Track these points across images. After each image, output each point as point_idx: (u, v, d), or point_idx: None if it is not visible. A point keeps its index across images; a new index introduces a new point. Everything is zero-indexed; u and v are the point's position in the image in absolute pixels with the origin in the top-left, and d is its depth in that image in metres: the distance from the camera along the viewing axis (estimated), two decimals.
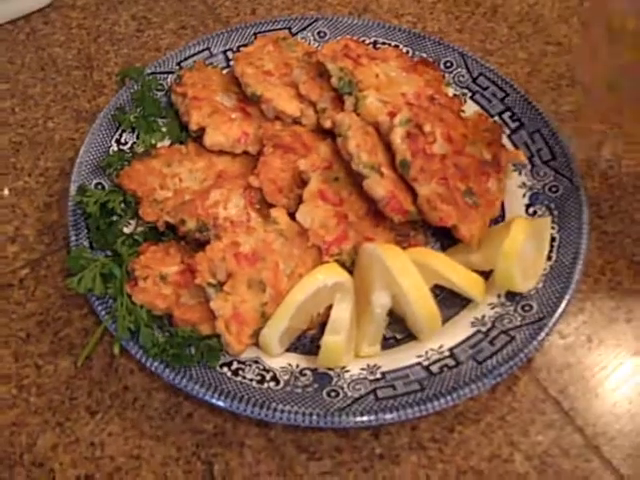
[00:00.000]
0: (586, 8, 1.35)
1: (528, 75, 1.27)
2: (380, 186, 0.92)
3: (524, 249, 0.91)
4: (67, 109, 1.25)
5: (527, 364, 0.92)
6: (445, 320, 0.92)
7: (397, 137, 0.95)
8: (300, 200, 0.96)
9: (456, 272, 0.91)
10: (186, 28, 1.38)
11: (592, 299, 1.00)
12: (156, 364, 0.86)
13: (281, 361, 0.90)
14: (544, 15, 1.38)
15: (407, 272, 0.88)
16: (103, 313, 0.90)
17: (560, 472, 0.85)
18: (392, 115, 0.99)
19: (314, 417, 0.82)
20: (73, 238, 0.97)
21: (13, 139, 1.21)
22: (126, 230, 0.99)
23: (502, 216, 1.03)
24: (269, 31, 1.22)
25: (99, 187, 1.03)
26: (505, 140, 1.08)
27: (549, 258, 0.95)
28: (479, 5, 1.41)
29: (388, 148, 0.97)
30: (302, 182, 0.98)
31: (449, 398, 0.84)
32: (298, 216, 0.94)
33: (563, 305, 0.90)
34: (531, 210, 1.02)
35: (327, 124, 1.03)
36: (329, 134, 1.03)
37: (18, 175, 1.16)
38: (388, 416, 0.82)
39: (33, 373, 0.94)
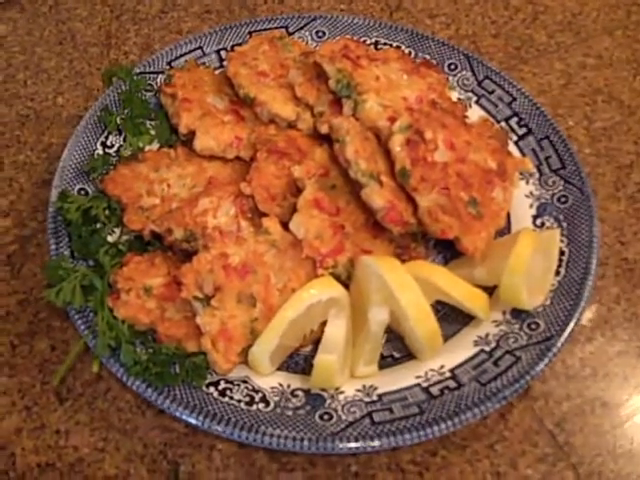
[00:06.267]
0: None
1: (563, 87, 1.21)
2: (379, 196, 0.87)
3: (531, 264, 0.85)
4: (79, 86, 1.23)
5: (524, 391, 0.87)
6: (446, 338, 0.87)
7: (396, 144, 0.89)
8: (294, 209, 0.90)
9: (458, 287, 0.86)
10: (211, 12, 1.35)
11: (603, 329, 0.93)
12: (138, 383, 0.81)
13: (271, 381, 0.85)
14: (587, 26, 1.32)
15: (406, 287, 0.82)
16: (83, 327, 0.85)
17: None
18: (392, 120, 0.93)
19: (305, 442, 0.77)
20: (53, 247, 0.92)
21: (21, 112, 1.19)
22: (110, 239, 0.94)
23: (508, 227, 0.97)
24: (265, 30, 1.17)
25: (82, 193, 0.97)
26: (512, 147, 1.03)
27: (557, 273, 0.90)
28: (519, 10, 1.35)
29: (388, 155, 0.92)
30: (296, 190, 0.92)
31: (449, 423, 0.78)
32: (291, 226, 0.89)
33: (572, 324, 0.85)
34: (539, 221, 0.97)
35: (324, 129, 0.97)
36: (326, 139, 0.97)
37: (20, 149, 1.14)
38: (385, 442, 0.77)
39: (7, 352, 0.91)
